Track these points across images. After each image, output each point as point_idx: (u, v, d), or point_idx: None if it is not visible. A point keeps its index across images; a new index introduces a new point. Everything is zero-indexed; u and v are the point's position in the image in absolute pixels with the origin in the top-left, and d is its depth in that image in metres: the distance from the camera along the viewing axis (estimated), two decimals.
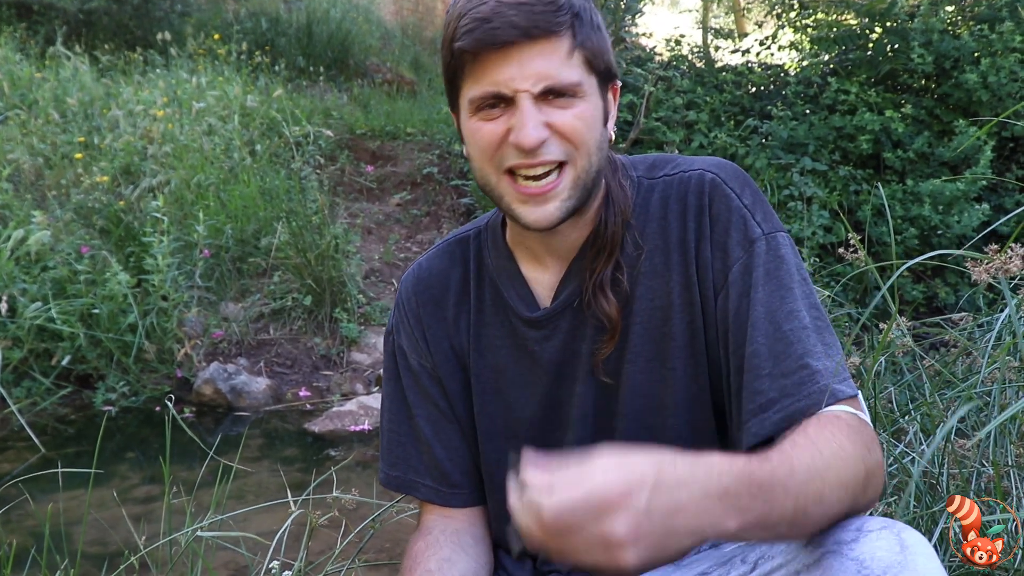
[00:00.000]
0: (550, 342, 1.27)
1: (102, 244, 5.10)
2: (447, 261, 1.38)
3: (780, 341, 1.10)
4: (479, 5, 1.09)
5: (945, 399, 2.31)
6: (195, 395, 4.62)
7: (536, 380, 1.30)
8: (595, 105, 1.15)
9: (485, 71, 1.11)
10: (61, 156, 5.96)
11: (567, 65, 1.10)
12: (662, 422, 1.23)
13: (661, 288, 1.21)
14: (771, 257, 1.14)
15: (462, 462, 1.36)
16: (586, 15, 1.12)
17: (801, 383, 1.08)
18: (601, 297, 1.21)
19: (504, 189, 1.16)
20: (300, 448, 4.10)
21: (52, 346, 4.59)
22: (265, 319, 5.13)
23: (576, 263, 1.26)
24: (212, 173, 5.78)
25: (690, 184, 1.22)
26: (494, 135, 1.13)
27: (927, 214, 5.43)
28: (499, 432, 1.33)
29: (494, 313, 1.32)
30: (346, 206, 6.24)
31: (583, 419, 1.27)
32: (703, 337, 1.20)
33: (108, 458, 3.97)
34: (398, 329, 1.39)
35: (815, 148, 6.04)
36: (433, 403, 1.36)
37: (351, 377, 4.77)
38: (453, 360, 1.35)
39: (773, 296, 1.12)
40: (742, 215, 1.17)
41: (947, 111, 6.12)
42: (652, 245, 1.22)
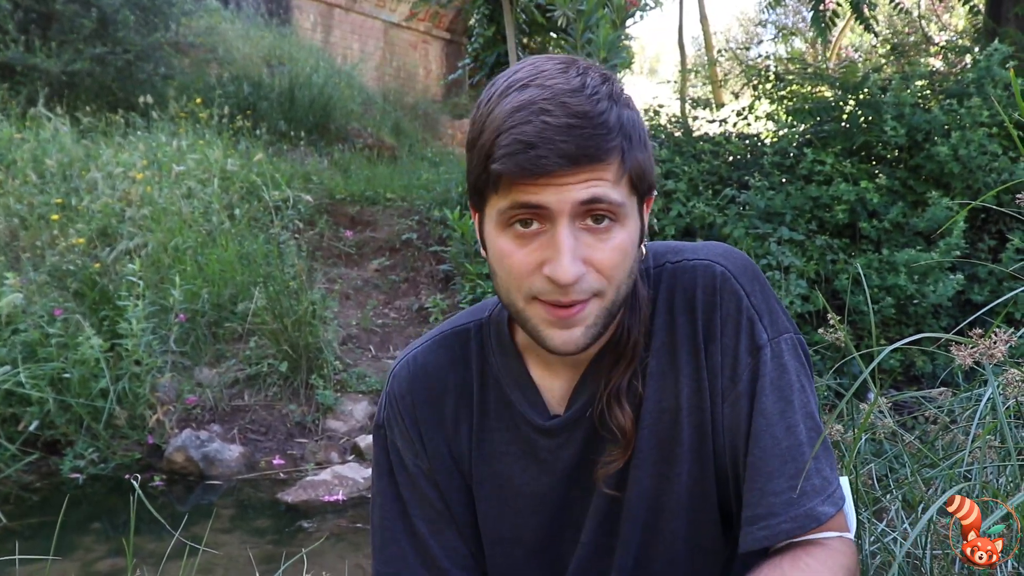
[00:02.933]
0: (565, 451, 1.21)
1: (76, 307, 5.04)
2: (445, 357, 1.29)
3: (776, 459, 1.10)
4: (522, 124, 1.00)
5: (927, 477, 2.29)
6: (166, 463, 4.53)
7: (546, 488, 1.23)
8: (633, 229, 1.08)
9: (522, 191, 1.03)
10: (37, 217, 5.92)
11: (614, 189, 1.03)
12: (663, 526, 1.19)
13: (670, 389, 1.16)
14: (775, 366, 1.12)
15: (461, 560, 1.29)
16: (636, 133, 1.06)
17: (788, 504, 1.08)
18: (616, 408, 1.15)
19: (532, 312, 1.09)
20: (273, 519, 4.01)
21: (20, 411, 4.50)
22: (240, 385, 5.06)
23: (591, 369, 1.19)
24: (190, 236, 5.75)
25: (696, 276, 1.16)
26: (525, 265, 1.06)
27: (903, 283, 5.47)
28: (507, 538, 1.27)
29: (499, 419, 1.25)
30: (324, 271, 6.21)
31: (594, 525, 1.21)
32: (711, 442, 1.16)
33: (73, 529, 3.86)
34: (390, 425, 1.30)
35: (792, 217, 6.10)
36: (430, 505, 1.28)
37: (326, 445, 4.69)
38: (451, 465, 1.27)
39: (775, 408, 1.11)
40: (750, 318, 1.13)
41: (920, 182, 6.22)
42: (659, 342, 1.17)
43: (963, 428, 2.46)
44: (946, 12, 14.51)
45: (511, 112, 1.01)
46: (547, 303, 1.07)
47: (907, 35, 13.52)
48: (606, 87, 1.04)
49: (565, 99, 1.00)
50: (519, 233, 1.05)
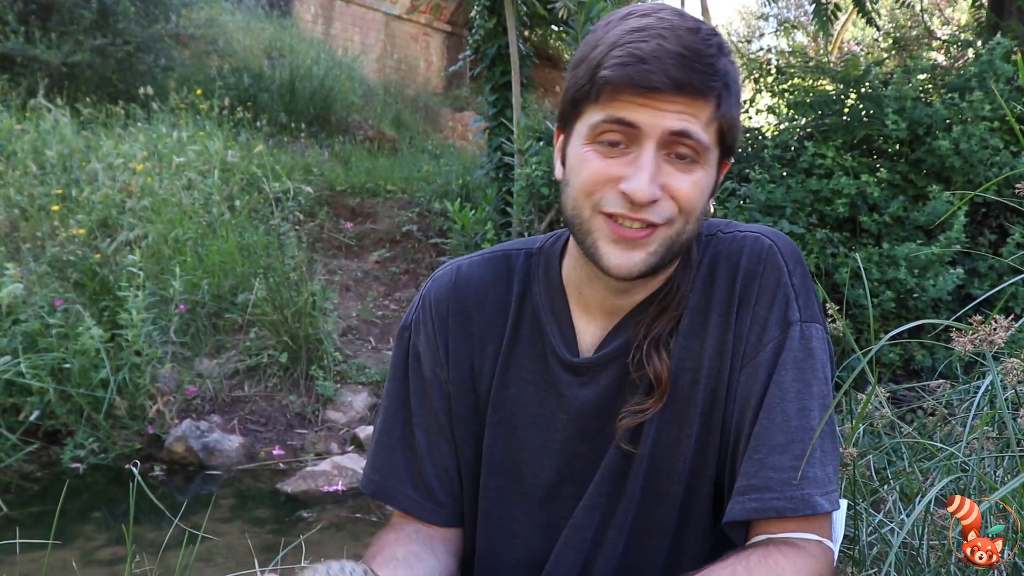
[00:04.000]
0: (585, 390, 1.20)
1: (76, 298, 5.04)
2: (491, 273, 1.29)
3: (783, 434, 1.09)
4: (639, 42, 1.05)
5: (924, 468, 2.29)
6: (166, 453, 4.54)
7: (557, 427, 1.22)
8: (711, 176, 1.11)
9: (621, 105, 1.06)
10: (38, 208, 5.91)
11: (705, 129, 1.07)
12: (668, 489, 1.19)
13: (695, 350, 1.16)
14: (802, 346, 1.12)
15: (450, 484, 1.28)
16: (734, 87, 1.09)
17: (786, 483, 1.08)
18: (655, 355, 1.15)
19: (597, 225, 1.10)
20: (272, 509, 4.02)
21: (20, 401, 4.50)
22: (240, 376, 5.06)
23: (629, 318, 1.20)
24: (190, 228, 5.75)
25: (745, 245, 1.17)
26: (603, 174, 1.08)
27: (903, 277, 5.47)
28: (506, 471, 1.26)
29: (530, 346, 1.24)
30: (324, 263, 6.21)
31: (601, 478, 1.21)
32: (722, 408, 1.16)
33: (74, 518, 3.87)
34: (417, 328, 1.29)
35: (792, 211, 6.09)
36: (435, 417, 1.27)
37: (326, 436, 4.69)
38: (469, 381, 1.26)
39: (792, 386, 1.11)
40: (787, 294, 1.13)
41: (921, 176, 6.22)
42: (694, 303, 1.17)
43: (961, 419, 2.47)
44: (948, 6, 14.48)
45: (630, 31, 1.06)
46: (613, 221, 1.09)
47: (909, 29, 13.50)
48: (718, 38, 1.08)
49: (681, 33, 1.05)
50: (605, 150, 1.08)
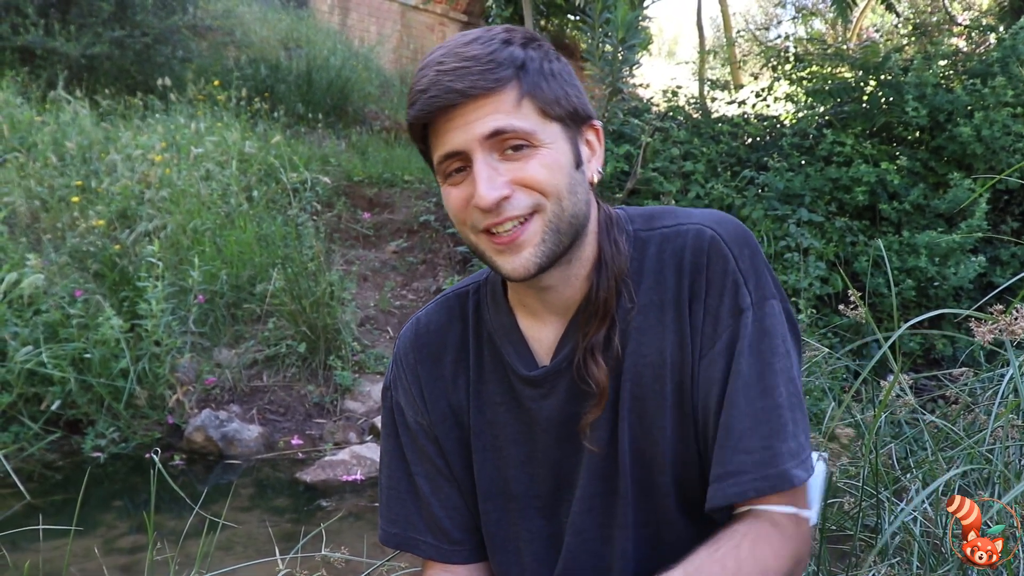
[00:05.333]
0: (547, 401, 1.24)
1: (96, 288, 5.07)
2: (445, 316, 1.34)
3: (751, 418, 1.11)
4: (420, 79, 1.11)
5: (947, 457, 2.27)
6: (186, 442, 4.57)
7: (536, 439, 1.26)
8: (559, 150, 1.13)
9: (438, 137, 1.12)
10: (58, 199, 5.95)
11: (516, 115, 1.09)
12: (654, 480, 1.21)
13: (654, 345, 1.18)
14: (756, 329, 1.14)
15: (462, 520, 1.32)
16: (534, 64, 1.12)
17: (761, 463, 1.10)
18: (591, 362, 1.18)
19: (482, 244, 1.15)
20: (291, 498, 4.04)
21: (42, 391, 4.54)
22: (259, 366, 5.09)
23: (573, 322, 1.23)
24: (208, 218, 5.77)
25: (687, 239, 1.19)
26: (460, 200, 1.14)
27: (923, 266, 5.43)
28: (499, 492, 1.30)
29: (493, 371, 1.29)
30: (342, 253, 6.22)
31: (587, 481, 1.23)
32: (691, 398, 1.18)
33: (95, 506, 3.90)
34: (395, 385, 1.36)
35: (811, 199, 6.06)
36: (430, 461, 1.32)
37: (344, 426, 4.71)
38: (451, 418, 1.31)
39: (752, 370, 1.13)
40: (735, 281, 1.15)
41: (942, 163, 6.16)
42: (646, 300, 1.19)
43: (985, 408, 2.44)
44: None
45: (417, 71, 1.13)
46: (489, 235, 1.13)
47: (929, 15, 13.36)
48: (505, 34, 1.13)
49: (458, 49, 1.10)
50: (455, 180, 1.13)
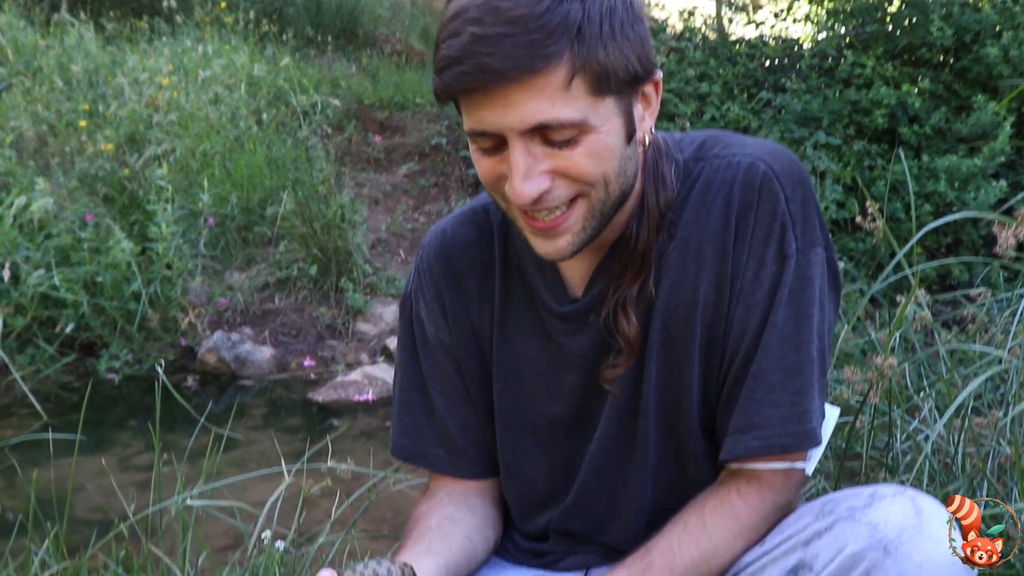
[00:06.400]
0: (578, 337, 1.19)
1: (106, 212, 5.06)
2: (474, 232, 1.27)
3: (783, 371, 1.08)
4: (451, 37, 0.94)
5: (963, 375, 2.25)
6: (199, 364, 4.60)
7: (562, 374, 1.22)
8: (610, 131, 1.00)
9: (469, 110, 0.98)
10: (65, 124, 5.90)
11: (564, 101, 0.95)
12: (678, 423, 1.17)
13: (688, 284, 1.12)
14: (799, 277, 1.08)
15: (475, 438, 1.29)
16: (592, 27, 0.94)
17: (787, 419, 1.07)
18: (622, 318, 1.12)
19: (514, 214, 1.07)
20: (304, 418, 4.07)
21: (56, 314, 4.56)
22: (270, 288, 5.09)
23: (607, 261, 1.16)
24: (217, 142, 5.72)
25: (738, 172, 1.10)
26: (492, 173, 1.03)
27: (943, 190, 5.34)
28: (520, 423, 1.26)
29: (521, 299, 1.23)
30: (353, 176, 6.17)
31: (608, 421, 1.20)
32: (721, 342, 1.13)
33: (110, 426, 3.95)
34: (416, 297, 1.30)
35: (829, 122, 5.95)
36: (448, 379, 1.28)
37: (356, 347, 4.73)
38: (473, 341, 1.26)
39: (789, 321, 1.08)
40: (783, 224, 1.08)
41: (966, 86, 6.02)
42: (687, 235, 1.12)
43: (1003, 327, 2.41)
44: None
45: (447, 21, 0.96)
46: (525, 214, 1.04)
47: None
48: None
49: (498, 3, 0.91)
50: (485, 147, 1.01)
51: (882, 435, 2.21)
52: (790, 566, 1.04)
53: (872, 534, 0.96)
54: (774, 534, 1.10)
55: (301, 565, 1.68)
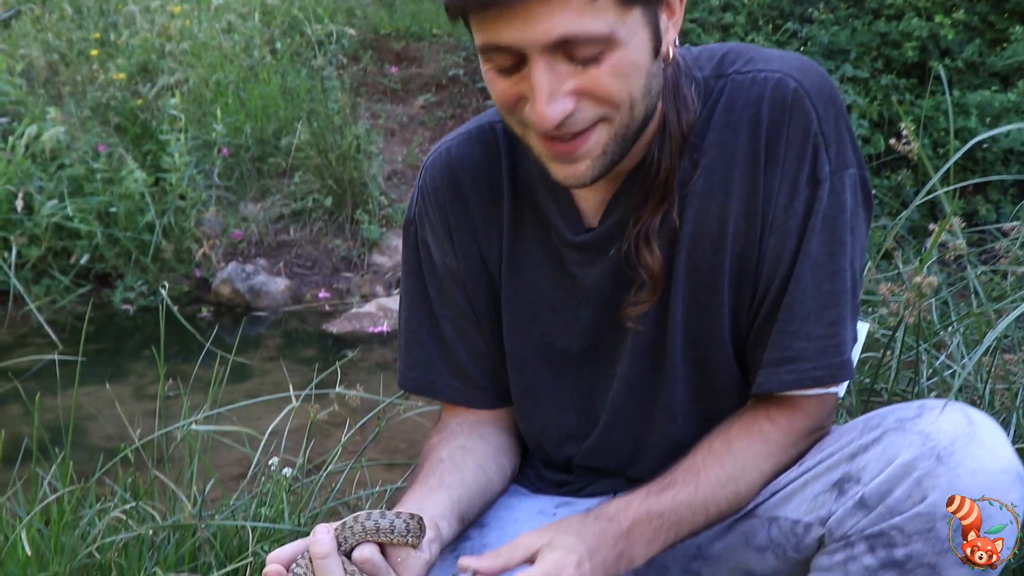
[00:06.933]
0: (593, 268, 1.12)
1: (118, 142, 5.01)
2: (481, 151, 1.19)
3: (817, 301, 1.03)
4: None
5: (995, 310, 2.18)
6: (213, 295, 4.60)
7: (577, 308, 1.16)
8: (637, 46, 0.93)
9: (484, 24, 0.91)
10: (76, 52, 5.85)
11: (590, 12, 0.88)
12: (709, 357, 1.12)
13: (716, 212, 1.06)
14: (832, 203, 1.02)
15: (487, 367, 1.24)
16: None
17: (823, 351, 1.04)
18: (645, 250, 1.05)
19: (531, 141, 1.00)
20: (318, 349, 4.07)
21: (70, 244, 4.56)
22: (285, 220, 5.06)
23: (625, 188, 1.09)
24: (231, 72, 5.63)
25: (766, 90, 1.03)
26: (509, 95, 0.96)
27: (973, 126, 5.21)
28: (530, 358, 1.21)
29: (532, 226, 1.16)
30: (368, 107, 6.08)
31: (631, 358, 1.14)
32: (753, 273, 1.07)
33: (126, 356, 3.96)
34: (421, 220, 1.22)
35: (857, 55, 5.80)
36: (457, 307, 1.22)
37: (371, 279, 4.70)
38: (481, 269, 1.20)
39: (823, 249, 1.03)
40: (816, 145, 1.02)
41: (1002, 17, 5.85)
42: (711, 160, 1.05)
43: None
44: None
45: None
46: (545, 138, 0.97)
47: None
48: None
49: None
50: (500, 67, 0.94)
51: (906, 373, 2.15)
52: (834, 480, 1.02)
53: (924, 443, 0.94)
54: (814, 453, 1.07)
55: (309, 492, 1.65)
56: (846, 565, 0.99)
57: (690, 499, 1.03)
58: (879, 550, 0.96)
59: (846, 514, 0.99)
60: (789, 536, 1.06)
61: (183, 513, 1.54)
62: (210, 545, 1.54)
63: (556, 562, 0.92)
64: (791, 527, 1.05)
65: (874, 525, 0.96)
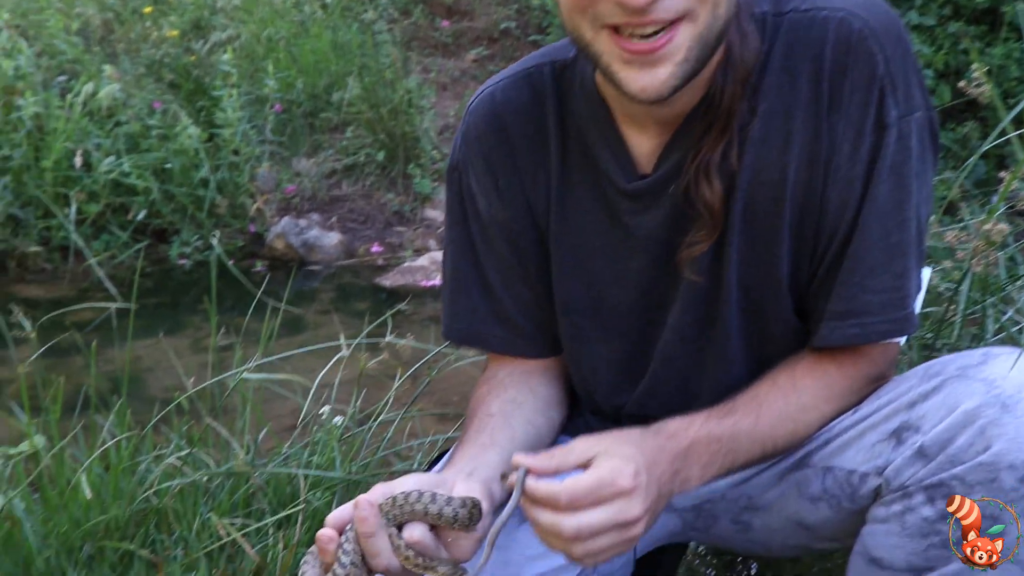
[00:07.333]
0: (646, 217, 1.09)
1: (173, 98, 5.07)
2: (527, 96, 1.15)
3: (883, 252, 1.00)
4: None
5: None
6: (267, 249, 4.65)
7: (628, 258, 1.12)
8: None
9: None
10: (131, 10, 5.90)
11: None
12: (765, 305, 1.09)
13: (775, 160, 1.01)
14: (899, 148, 0.98)
15: (534, 315, 1.21)
16: None
17: (888, 305, 1.00)
18: (704, 184, 1.01)
19: (603, 46, 0.94)
20: (371, 302, 4.11)
21: (128, 201, 4.64)
22: (338, 175, 5.08)
23: (684, 128, 1.05)
24: (282, 27, 5.65)
25: (828, 30, 0.98)
26: None
27: None
28: (579, 308, 1.18)
29: (582, 173, 1.13)
30: (420, 61, 6.06)
31: (684, 308, 1.11)
32: (814, 223, 1.03)
33: (183, 310, 4.05)
34: (466, 167, 1.19)
35: (923, 1, 5.59)
36: (503, 256, 1.19)
37: (424, 233, 4.71)
38: (528, 217, 1.17)
39: (890, 198, 0.99)
40: (883, 89, 0.97)
41: None
42: (770, 105, 1.01)
43: None
44: None
45: None
46: (620, 36, 0.92)
47: None
48: None
49: None
50: None
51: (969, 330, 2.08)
52: (892, 429, 0.99)
53: (988, 391, 0.91)
54: (870, 401, 1.05)
55: (360, 441, 1.66)
56: (903, 516, 0.96)
57: (750, 429, 1.02)
58: (938, 501, 0.93)
59: (904, 463, 0.96)
60: (844, 486, 1.04)
61: (236, 461, 1.56)
62: (263, 492, 1.56)
63: (613, 469, 0.89)
64: (846, 477, 1.03)
65: (933, 475, 0.93)
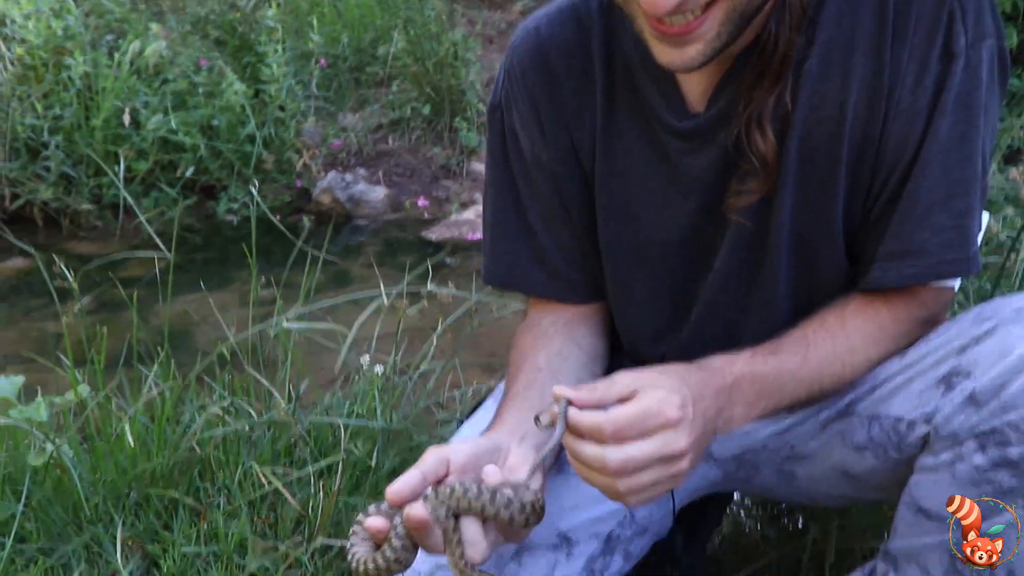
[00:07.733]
0: (697, 158, 1.04)
1: (218, 55, 5.07)
2: (573, 31, 1.10)
3: (945, 189, 0.93)
4: None
5: None
6: (314, 204, 4.66)
7: (679, 199, 1.08)
8: None
9: None
10: None
11: None
12: (817, 250, 1.04)
13: (833, 94, 0.96)
14: (967, 78, 0.91)
15: (578, 259, 1.18)
16: None
17: (949, 245, 0.95)
18: (757, 134, 0.96)
19: (636, 13, 0.91)
20: (418, 256, 4.09)
21: (176, 158, 4.66)
22: (384, 129, 5.07)
23: (736, 68, 0.99)
24: None
25: None
26: None
27: None
28: (623, 251, 1.14)
29: (629, 112, 1.08)
30: (465, 14, 6.00)
31: (733, 248, 1.06)
32: (872, 161, 0.97)
33: (232, 265, 4.08)
34: (508, 106, 1.15)
35: None
36: (546, 199, 1.15)
37: (470, 187, 4.69)
38: (572, 158, 1.13)
39: (955, 131, 0.92)
40: (952, 13, 0.91)
41: None
42: (829, 36, 0.95)
43: None
44: None
45: None
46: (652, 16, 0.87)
47: None
48: None
49: None
50: None
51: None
52: (940, 375, 0.94)
53: None
54: (918, 346, 0.99)
55: (400, 391, 1.64)
56: (953, 465, 0.91)
57: (796, 369, 0.98)
58: (991, 449, 0.87)
59: (954, 410, 0.90)
60: (891, 435, 0.99)
61: (278, 410, 1.55)
62: (304, 441, 1.56)
63: (659, 399, 0.85)
64: (893, 425, 0.98)
65: (986, 422, 0.88)
